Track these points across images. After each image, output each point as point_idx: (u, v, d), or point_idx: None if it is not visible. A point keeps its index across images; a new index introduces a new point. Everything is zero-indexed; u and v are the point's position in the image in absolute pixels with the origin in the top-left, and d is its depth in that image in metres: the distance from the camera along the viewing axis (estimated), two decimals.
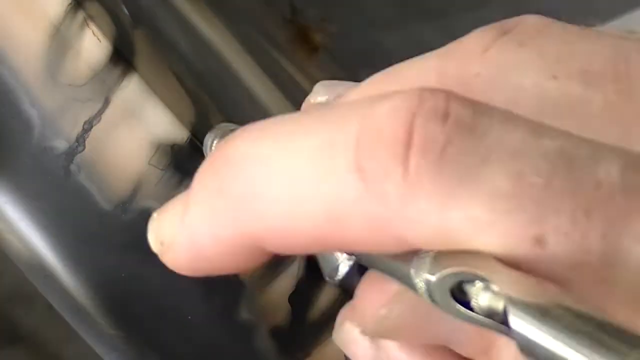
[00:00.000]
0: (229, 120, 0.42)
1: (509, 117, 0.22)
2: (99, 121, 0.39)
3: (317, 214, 0.23)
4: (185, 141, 0.40)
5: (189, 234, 0.27)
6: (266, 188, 0.24)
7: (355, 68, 0.56)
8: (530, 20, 0.27)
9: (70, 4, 0.39)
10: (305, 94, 0.36)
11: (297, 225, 0.24)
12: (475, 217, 0.21)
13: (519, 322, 0.20)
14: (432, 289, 0.22)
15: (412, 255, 0.23)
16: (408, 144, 0.22)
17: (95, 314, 0.40)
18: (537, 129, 0.22)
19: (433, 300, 0.23)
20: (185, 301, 0.41)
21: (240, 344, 0.41)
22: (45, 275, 0.40)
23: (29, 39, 0.38)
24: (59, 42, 0.38)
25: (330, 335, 0.35)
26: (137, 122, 0.39)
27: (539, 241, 0.21)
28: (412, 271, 0.23)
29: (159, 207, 0.41)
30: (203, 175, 0.27)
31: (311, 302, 0.42)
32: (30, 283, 0.42)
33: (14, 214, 0.40)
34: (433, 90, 0.23)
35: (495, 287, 0.21)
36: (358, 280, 0.33)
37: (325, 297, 0.42)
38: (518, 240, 0.21)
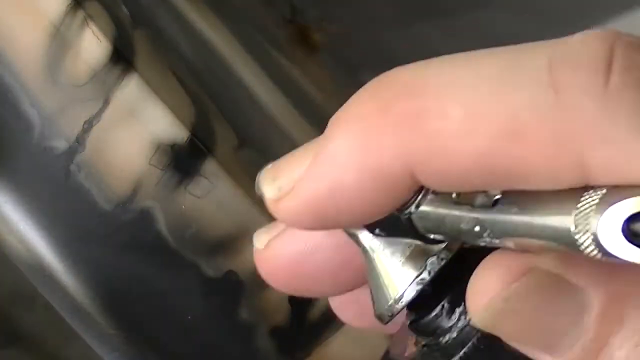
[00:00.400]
0: (229, 119, 0.42)
1: None
2: (99, 121, 0.39)
3: (496, 129, 0.22)
4: (186, 141, 0.40)
5: (326, 166, 0.24)
6: (440, 105, 0.23)
7: (355, 68, 0.56)
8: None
9: (70, 3, 0.39)
10: (305, 93, 0.36)
11: (471, 142, 0.22)
12: None
13: None
14: (603, 227, 0.21)
15: (574, 199, 0.22)
16: (608, 64, 0.21)
17: (95, 313, 0.40)
18: None
19: (600, 246, 0.21)
20: (185, 301, 0.41)
21: (240, 344, 0.41)
22: (45, 275, 0.40)
23: (28, 39, 0.38)
24: (59, 41, 0.38)
25: (330, 335, 0.35)
26: (137, 122, 0.39)
27: None
28: (576, 212, 0.21)
29: (159, 207, 0.41)
30: (357, 98, 0.24)
31: (311, 303, 0.42)
32: (30, 283, 0.42)
33: (14, 214, 0.40)
34: (624, 32, 0.22)
35: None
36: (423, 307, 0.32)
37: (325, 297, 0.42)
38: None
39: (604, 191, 0.21)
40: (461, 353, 0.29)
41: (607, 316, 0.25)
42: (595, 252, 0.22)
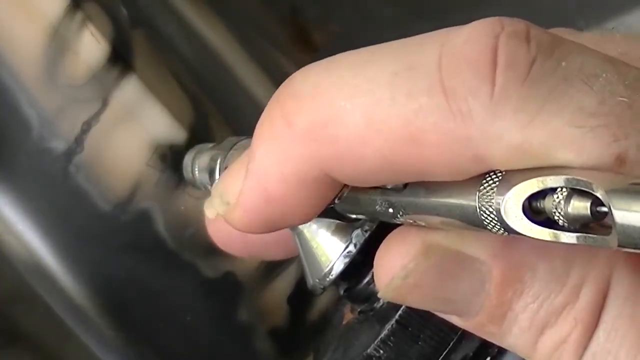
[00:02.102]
0: (227, 120, 0.42)
1: (583, 47, 0.23)
2: (97, 122, 0.39)
3: (394, 135, 0.23)
4: (184, 142, 0.40)
5: (255, 180, 0.26)
6: (340, 113, 0.24)
7: None
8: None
9: (69, 4, 0.39)
10: None
11: (373, 147, 0.24)
12: (559, 134, 0.22)
13: (621, 214, 0.20)
14: (505, 207, 0.22)
15: (475, 182, 0.23)
16: (493, 63, 0.22)
17: (94, 314, 0.40)
18: (610, 59, 0.23)
19: (503, 223, 0.22)
20: (184, 302, 0.41)
21: (239, 345, 0.41)
22: (43, 275, 0.40)
23: (27, 40, 0.38)
24: (58, 42, 0.38)
25: (330, 336, 0.36)
26: (136, 123, 0.39)
27: (620, 159, 0.22)
28: (479, 195, 0.23)
29: (158, 208, 0.41)
30: (267, 115, 0.26)
31: (310, 303, 0.42)
32: (29, 283, 0.42)
33: (13, 215, 0.40)
34: (511, 19, 0.23)
35: (588, 186, 0.21)
36: (355, 276, 0.33)
37: (324, 298, 0.42)
38: (600, 157, 0.22)
39: (503, 174, 0.23)
40: (396, 316, 0.30)
41: (507, 284, 0.26)
42: (500, 230, 0.23)
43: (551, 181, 0.22)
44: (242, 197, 0.27)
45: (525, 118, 0.22)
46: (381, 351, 0.30)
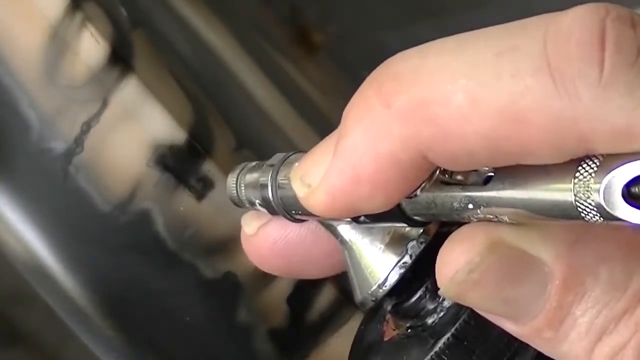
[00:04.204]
0: (227, 120, 0.42)
1: None
2: (97, 122, 0.39)
3: (498, 114, 0.23)
4: (184, 142, 0.40)
5: (344, 160, 0.26)
6: (442, 93, 0.24)
7: (355, 68, 0.56)
8: None
9: (69, 5, 0.39)
10: (304, 94, 0.36)
11: (476, 126, 0.24)
12: None
13: None
14: (605, 191, 0.22)
15: (570, 170, 0.23)
16: (602, 47, 0.23)
17: (93, 314, 0.40)
18: None
19: (601, 209, 0.22)
20: (184, 302, 0.41)
21: (238, 345, 0.41)
22: (43, 276, 0.40)
23: (27, 40, 0.38)
24: (57, 43, 0.38)
25: (329, 337, 0.35)
26: (136, 124, 0.39)
27: None
28: (575, 181, 0.23)
29: (158, 208, 0.41)
30: (362, 95, 0.26)
31: (310, 304, 0.42)
32: (29, 284, 0.42)
33: (12, 215, 0.40)
34: (614, 5, 0.23)
35: None
36: (405, 291, 0.32)
37: (323, 298, 0.42)
38: None
39: (601, 159, 0.23)
40: (452, 330, 0.30)
41: (569, 286, 0.26)
42: (596, 217, 0.23)
43: None
44: (328, 177, 0.27)
45: (632, 103, 0.22)
46: None
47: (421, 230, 0.31)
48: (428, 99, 0.24)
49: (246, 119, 0.44)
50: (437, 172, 0.27)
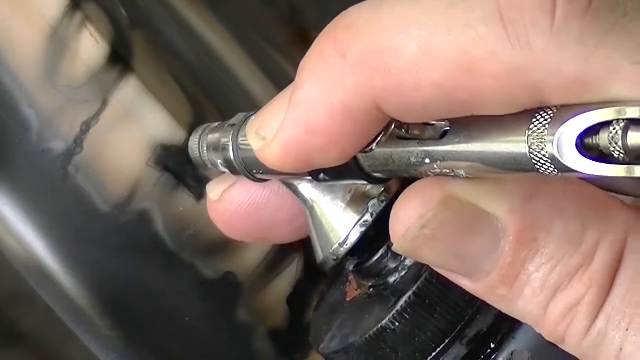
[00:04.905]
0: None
1: None
2: (96, 122, 0.39)
3: (451, 63, 0.23)
4: (183, 142, 0.40)
5: (299, 111, 0.26)
6: (396, 43, 0.24)
7: None
8: None
9: (68, 5, 0.38)
10: None
11: (428, 76, 0.24)
12: (618, 68, 0.22)
13: None
14: (559, 143, 0.22)
15: (525, 122, 0.23)
16: None
17: (93, 315, 0.40)
18: None
19: (555, 160, 0.22)
20: (183, 302, 0.41)
21: (238, 345, 0.41)
22: (43, 276, 0.40)
23: (26, 40, 0.38)
24: (57, 43, 0.38)
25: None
26: (135, 124, 0.39)
27: None
28: (529, 133, 0.23)
29: (157, 208, 0.41)
30: (317, 47, 0.26)
31: (310, 304, 0.42)
32: (29, 284, 0.42)
33: (12, 215, 0.40)
34: None
35: None
36: (367, 251, 0.32)
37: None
38: None
39: (555, 110, 0.23)
40: (414, 289, 0.30)
41: (523, 242, 0.26)
42: (550, 169, 0.23)
43: (611, 113, 0.22)
44: (283, 129, 0.27)
45: (585, 50, 0.22)
46: (397, 323, 0.30)
47: (382, 189, 0.31)
48: (381, 48, 0.24)
49: None
50: (393, 125, 0.27)
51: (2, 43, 0.38)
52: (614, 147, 0.22)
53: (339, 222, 0.32)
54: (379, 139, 0.27)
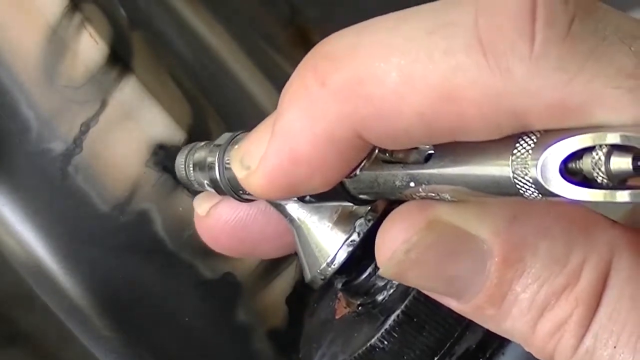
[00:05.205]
0: (226, 121, 0.42)
1: (617, 11, 0.23)
2: (96, 123, 0.39)
3: (432, 91, 0.23)
4: (182, 143, 0.40)
5: (282, 140, 0.26)
6: (376, 71, 0.24)
7: None
8: None
9: (67, 5, 0.38)
10: None
11: (409, 104, 0.24)
12: (598, 93, 0.22)
13: None
14: (543, 168, 0.22)
15: (508, 146, 0.23)
16: (532, 19, 0.22)
17: (92, 315, 0.40)
18: None
19: (538, 185, 0.22)
20: (183, 303, 0.41)
21: (237, 346, 0.41)
22: (42, 277, 0.40)
23: (26, 41, 0.38)
24: (56, 43, 0.38)
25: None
26: (134, 124, 0.39)
27: None
28: (513, 158, 0.23)
29: (157, 209, 0.41)
30: (298, 76, 0.26)
31: (308, 304, 0.42)
32: (28, 285, 0.42)
33: (12, 216, 0.40)
34: None
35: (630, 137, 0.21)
36: (355, 269, 0.32)
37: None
38: (637, 117, 0.22)
39: (539, 135, 0.23)
40: (402, 307, 0.30)
41: (508, 263, 0.26)
42: (534, 193, 0.23)
43: (594, 138, 0.22)
44: (266, 159, 0.27)
45: (565, 76, 0.22)
46: (385, 342, 0.30)
47: (369, 208, 0.31)
48: (362, 77, 0.24)
49: (245, 120, 0.43)
50: (376, 151, 0.27)
51: (2, 43, 0.39)
52: (597, 173, 0.22)
53: (327, 242, 0.32)
54: (362, 164, 0.28)
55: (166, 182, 0.40)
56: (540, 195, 0.23)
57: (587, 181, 0.22)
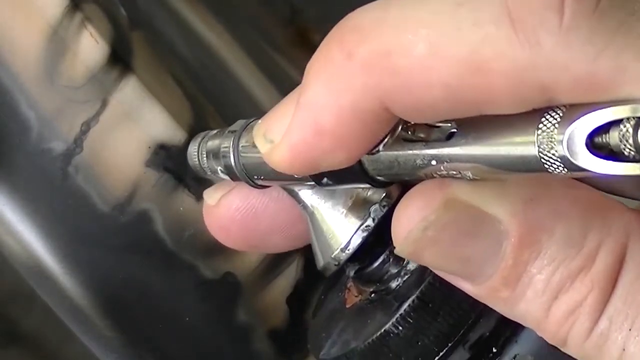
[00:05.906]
0: (226, 121, 0.42)
1: None
2: (96, 123, 0.39)
3: (459, 63, 0.23)
4: (183, 143, 0.40)
5: (306, 113, 0.26)
6: (403, 43, 0.24)
7: None
8: None
9: (68, 5, 0.38)
10: None
11: (437, 76, 0.24)
12: (626, 67, 0.22)
13: None
14: (569, 141, 0.22)
15: (533, 122, 0.23)
16: None
17: (93, 315, 0.40)
18: None
19: (564, 159, 0.22)
20: (183, 303, 0.41)
21: (238, 346, 0.41)
22: (43, 276, 0.40)
23: (26, 41, 0.38)
24: (57, 43, 0.38)
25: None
26: (135, 124, 0.39)
27: None
28: (539, 132, 0.23)
29: (157, 209, 0.41)
30: (324, 49, 0.26)
31: (309, 304, 0.42)
32: (29, 285, 0.42)
33: (12, 216, 0.40)
34: None
35: None
36: (368, 257, 0.32)
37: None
38: None
39: (564, 109, 0.23)
40: (417, 292, 0.30)
41: (524, 244, 0.26)
42: (559, 168, 0.23)
43: (622, 111, 0.22)
44: (290, 132, 0.26)
45: (593, 50, 0.22)
46: (400, 327, 0.30)
47: (384, 194, 0.31)
48: (389, 49, 0.24)
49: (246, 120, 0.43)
50: (400, 126, 0.27)
51: (2, 43, 0.38)
52: (625, 145, 0.22)
53: (340, 228, 0.32)
54: (385, 140, 0.27)
55: (166, 182, 0.40)
56: (566, 171, 0.23)
57: (613, 155, 0.22)
